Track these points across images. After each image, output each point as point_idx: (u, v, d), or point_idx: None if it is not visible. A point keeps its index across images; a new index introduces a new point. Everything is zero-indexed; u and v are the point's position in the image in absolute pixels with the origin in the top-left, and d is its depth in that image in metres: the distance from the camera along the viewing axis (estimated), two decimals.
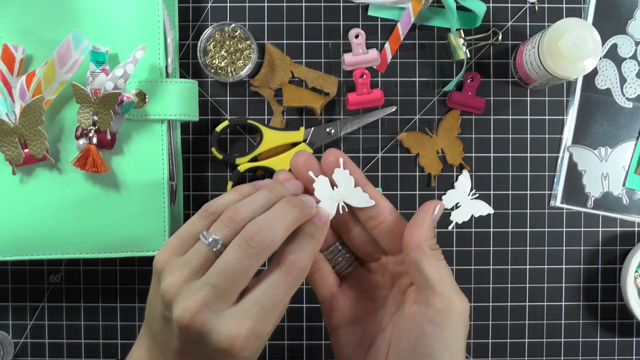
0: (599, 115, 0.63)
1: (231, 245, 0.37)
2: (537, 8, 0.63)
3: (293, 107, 0.63)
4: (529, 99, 0.63)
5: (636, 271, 0.62)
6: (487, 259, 0.63)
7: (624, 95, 0.63)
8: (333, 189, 0.41)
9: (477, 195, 0.62)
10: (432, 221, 0.41)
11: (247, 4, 0.63)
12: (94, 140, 0.54)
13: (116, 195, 0.55)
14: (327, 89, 0.62)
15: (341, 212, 0.41)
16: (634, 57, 0.63)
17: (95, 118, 0.53)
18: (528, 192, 0.63)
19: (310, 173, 0.41)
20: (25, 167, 0.55)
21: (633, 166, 0.63)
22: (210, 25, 0.62)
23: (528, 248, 0.63)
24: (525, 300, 0.63)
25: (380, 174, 0.63)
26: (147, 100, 0.55)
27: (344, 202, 0.41)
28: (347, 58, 0.61)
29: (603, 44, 0.63)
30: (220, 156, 0.61)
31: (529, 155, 0.63)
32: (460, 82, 0.63)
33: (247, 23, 0.63)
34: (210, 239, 0.38)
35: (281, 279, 0.38)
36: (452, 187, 0.63)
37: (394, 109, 0.63)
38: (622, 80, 0.63)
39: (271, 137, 0.61)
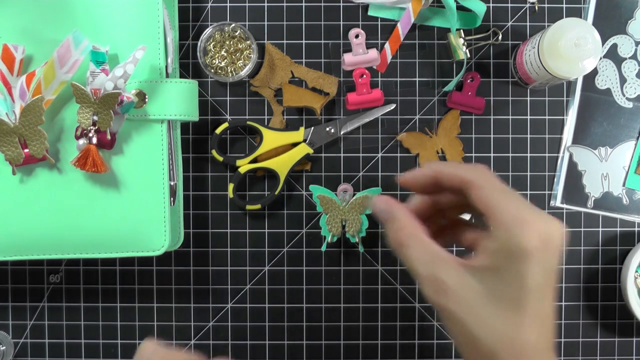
0: (599, 115, 0.63)
1: None
2: (537, 8, 0.63)
3: (293, 107, 0.63)
4: (529, 99, 0.63)
5: (636, 271, 0.62)
6: None
7: (624, 95, 0.63)
8: None
9: None
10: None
11: (247, 4, 0.63)
12: (94, 140, 0.54)
13: (116, 195, 0.55)
14: (327, 89, 0.62)
15: None
16: (634, 57, 0.63)
17: (95, 118, 0.53)
18: (528, 192, 0.63)
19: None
20: (25, 167, 0.55)
21: (633, 166, 0.63)
22: (210, 25, 0.61)
23: None
24: None
25: (380, 174, 0.63)
26: (147, 100, 0.55)
27: None
28: (347, 58, 0.61)
29: (603, 44, 0.62)
30: (220, 158, 0.61)
31: (529, 155, 0.63)
32: (460, 82, 0.63)
33: (247, 23, 0.63)
34: None
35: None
36: None
37: (393, 107, 0.62)
38: (622, 80, 0.63)
39: (271, 138, 0.61)
